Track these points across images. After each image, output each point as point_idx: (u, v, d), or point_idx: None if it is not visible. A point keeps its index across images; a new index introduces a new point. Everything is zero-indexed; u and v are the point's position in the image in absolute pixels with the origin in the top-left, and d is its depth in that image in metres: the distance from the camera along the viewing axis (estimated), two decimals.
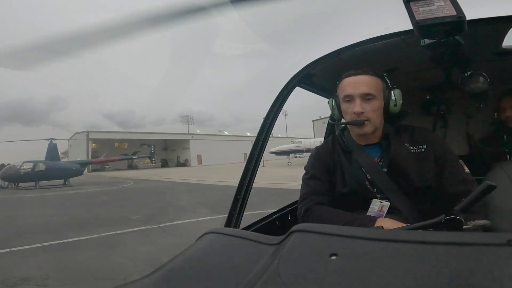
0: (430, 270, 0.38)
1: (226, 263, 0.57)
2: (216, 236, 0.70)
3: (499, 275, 0.35)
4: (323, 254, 0.46)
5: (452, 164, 1.06)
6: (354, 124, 1.07)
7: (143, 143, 43.80)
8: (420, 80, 1.91)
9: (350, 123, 1.08)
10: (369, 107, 1.05)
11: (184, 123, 56.96)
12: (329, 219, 1.01)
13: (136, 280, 0.57)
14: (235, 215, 1.31)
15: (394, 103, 1.09)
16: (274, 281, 0.44)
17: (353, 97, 1.06)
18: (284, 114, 60.36)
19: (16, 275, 3.46)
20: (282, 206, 1.74)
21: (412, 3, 0.92)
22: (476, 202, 0.65)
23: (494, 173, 1.14)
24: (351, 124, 1.08)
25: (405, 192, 1.03)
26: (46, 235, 5.32)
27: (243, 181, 1.36)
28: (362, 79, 1.06)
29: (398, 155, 1.05)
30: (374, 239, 0.47)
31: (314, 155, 1.22)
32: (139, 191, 14.08)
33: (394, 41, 1.20)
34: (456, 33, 0.96)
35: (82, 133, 40.16)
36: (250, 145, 1.46)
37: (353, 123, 1.06)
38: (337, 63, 1.39)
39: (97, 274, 3.40)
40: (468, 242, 0.41)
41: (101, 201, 10.57)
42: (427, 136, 1.12)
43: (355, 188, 1.08)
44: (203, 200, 9.14)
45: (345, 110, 1.10)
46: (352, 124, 1.07)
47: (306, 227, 0.55)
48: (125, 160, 32.57)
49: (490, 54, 1.44)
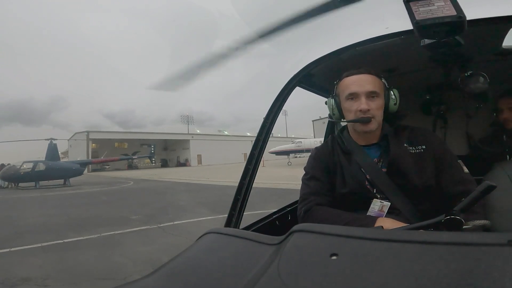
0: (430, 270, 0.38)
1: (226, 263, 0.57)
2: (216, 236, 0.70)
3: (499, 275, 0.35)
4: (323, 254, 0.46)
5: (451, 164, 1.06)
6: (360, 121, 1.06)
7: (143, 143, 43.77)
8: (420, 80, 1.91)
9: (356, 121, 1.07)
10: (374, 105, 1.05)
11: (184, 123, 57.01)
12: (329, 219, 1.01)
13: (136, 280, 0.57)
14: (235, 215, 1.31)
15: (394, 102, 1.10)
16: (274, 281, 0.44)
17: (358, 94, 1.05)
18: (284, 114, 60.39)
19: (16, 275, 3.46)
20: (282, 206, 1.74)
21: (412, 3, 0.92)
22: (476, 202, 0.65)
23: (494, 173, 1.13)
24: (357, 121, 1.07)
25: (405, 192, 1.03)
26: (46, 235, 5.31)
27: (243, 181, 1.36)
28: (365, 77, 1.07)
29: (398, 156, 1.06)
30: (374, 239, 0.47)
31: (314, 156, 1.22)
32: (139, 191, 14.07)
33: (394, 41, 1.20)
34: (456, 33, 0.96)
35: (82, 133, 40.15)
36: (250, 145, 1.46)
37: (360, 120, 1.06)
38: (337, 63, 1.39)
39: (97, 274, 3.40)
40: (468, 242, 0.41)
41: (101, 201, 10.57)
42: (426, 136, 1.12)
43: (355, 188, 1.07)
44: (203, 200, 9.13)
45: (348, 108, 1.09)
46: (358, 121, 1.06)
47: (306, 227, 0.54)
48: (125, 160, 32.54)
49: (490, 54, 1.44)
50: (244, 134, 58.03)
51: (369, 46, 1.25)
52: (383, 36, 1.20)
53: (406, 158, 1.06)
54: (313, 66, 1.40)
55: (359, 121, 1.06)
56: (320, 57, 1.36)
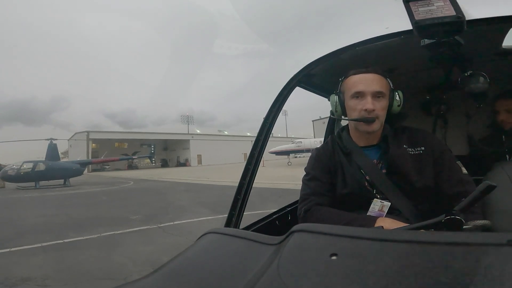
0: (430, 270, 0.38)
1: (226, 263, 0.57)
2: (216, 236, 0.70)
3: (499, 275, 0.35)
4: (323, 254, 0.46)
5: (449, 165, 1.06)
6: (364, 121, 1.05)
7: (143, 143, 43.78)
8: (420, 80, 1.91)
9: (360, 120, 1.06)
10: (379, 105, 1.05)
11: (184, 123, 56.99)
12: (329, 219, 1.01)
13: (136, 280, 0.57)
14: (235, 215, 1.31)
15: (398, 103, 1.10)
16: (274, 281, 0.44)
17: (364, 94, 1.05)
18: (284, 114, 60.28)
19: (16, 275, 3.46)
20: (282, 206, 1.74)
21: (411, 3, 0.92)
22: (476, 202, 0.65)
23: (494, 173, 1.13)
24: (361, 120, 1.06)
25: (405, 193, 1.03)
26: (46, 235, 5.31)
27: (243, 181, 1.36)
28: (373, 77, 1.06)
29: (397, 157, 1.06)
30: (374, 239, 0.47)
31: (315, 156, 1.22)
32: (139, 191, 14.07)
33: (394, 41, 1.20)
34: (455, 33, 0.96)
35: (82, 133, 40.14)
36: (250, 145, 1.45)
37: (364, 120, 1.05)
38: (337, 63, 1.39)
39: (97, 274, 3.40)
40: (468, 242, 0.41)
41: (101, 201, 10.57)
42: (425, 137, 1.12)
43: (355, 189, 1.07)
44: (203, 200, 9.14)
45: (353, 106, 1.08)
46: (362, 121, 1.05)
47: (306, 227, 0.54)
48: (125, 160, 32.56)
49: (490, 54, 1.44)
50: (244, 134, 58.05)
51: (369, 46, 1.25)
52: (383, 36, 1.20)
53: (406, 159, 1.06)
54: (313, 66, 1.40)
55: (363, 120, 1.05)
56: (320, 57, 1.36)
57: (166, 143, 50.94)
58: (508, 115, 1.65)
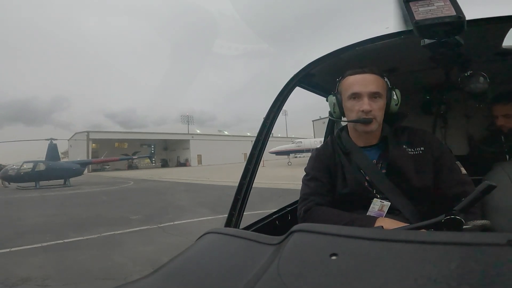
0: (430, 270, 0.38)
1: (226, 263, 0.57)
2: (216, 236, 0.70)
3: (499, 275, 0.35)
4: (323, 254, 0.46)
5: (449, 165, 1.07)
6: (361, 122, 1.05)
7: (143, 143, 43.79)
8: (420, 80, 1.91)
9: (357, 121, 1.07)
10: (376, 106, 1.05)
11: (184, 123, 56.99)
12: (329, 219, 1.01)
13: (136, 280, 0.57)
14: (235, 215, 1.31)
15: (396, 102, 1.10)
16: (274, 281, 0.44)
17: (361, 95, 1.05)
18: (284, 114, 60.31)
19: (16, 275, 3.46)
20: (282, 206, 1.74)
21: (411, 3, 0.92)
22: (476, 202, 0.65)
23: (494, 173, 1.13)
24: (359, 122, 1.06)
25: (404, 193, 1.04)
26: (46, 235, 5.32)
27: (243, 181, 1.36)
28: (369, 77, 1.06)
29: (397, 157, 1.06)
30: (374, 239, 0.47)
31: (315, 156, 1.22)
32: (139, 191, 14.08)
33: (394, 41, 1.20)
34: (455, 33, 0.96)
35: (82, 133, 40.17)
36: (250, 145, 1.45)
37: (361, 121, 1.05)
38: (337, 63, 1.39)
39: (97, 274, 3.40)
40: (468, 242, 0.41)
41: (101, 201, 10.57)
42: (424, 137, 1.12)
43: (355, 189, 1.08)
44: (203, 200, 9.14)
45: (350, 107, 1.08)
46: (359, 122, 1.06)
47: (306, 227, 0.54)
48: (125, 160, 32.57)
49: (490, 54, 1.44)
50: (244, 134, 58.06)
51: (369, 46, 1.25)
52: (383, 36, 1.20)
53: (405, 159, 1.06)
54: (313, 66, 1.40)
55: (360, 122, 1.06)
56: (320, 57, 1.36)
57: (166, 143, 50.95)
58: (506, 120, 1.62)
